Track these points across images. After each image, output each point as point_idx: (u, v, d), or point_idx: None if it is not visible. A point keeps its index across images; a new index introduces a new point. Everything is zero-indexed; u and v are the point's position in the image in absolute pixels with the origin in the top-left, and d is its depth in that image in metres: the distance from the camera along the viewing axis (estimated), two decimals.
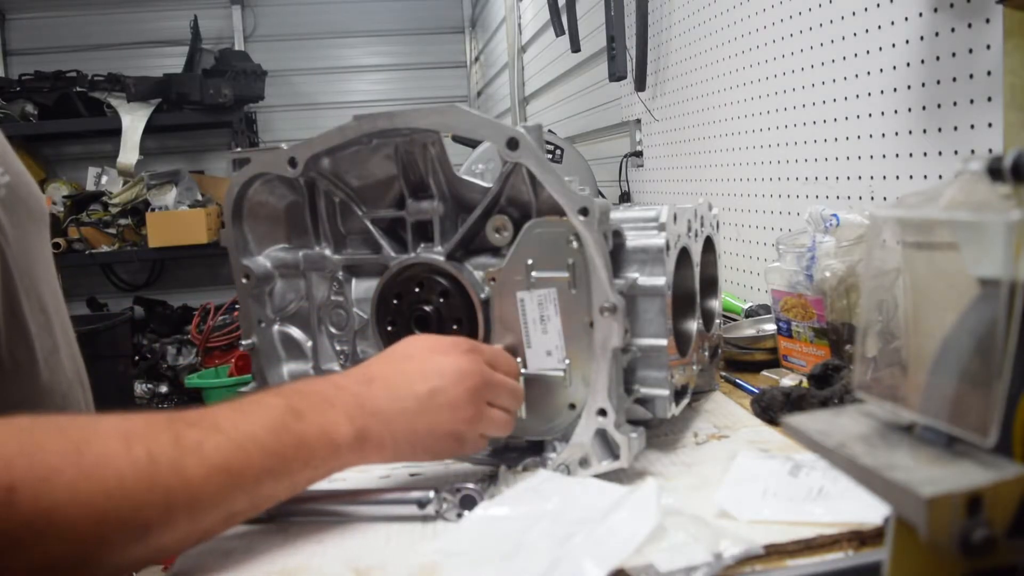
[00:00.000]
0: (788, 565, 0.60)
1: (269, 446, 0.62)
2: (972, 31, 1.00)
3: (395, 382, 0.71)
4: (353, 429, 0.67)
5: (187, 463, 0.57)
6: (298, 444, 0.64)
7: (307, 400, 0.67)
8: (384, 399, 0.70)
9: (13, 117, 4.16)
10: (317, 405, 0.66)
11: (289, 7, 5.21)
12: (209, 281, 4.89)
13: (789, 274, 1.12)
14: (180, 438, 0.58)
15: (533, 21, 3.56)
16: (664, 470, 0.80)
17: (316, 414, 0.66)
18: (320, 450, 0.65)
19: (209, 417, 0.62)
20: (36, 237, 0.79)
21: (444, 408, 0.71)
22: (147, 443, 0.57)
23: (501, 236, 0.81)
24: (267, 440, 0.62)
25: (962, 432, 0.40)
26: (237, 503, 0.61)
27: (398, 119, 0.81)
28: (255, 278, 0.91)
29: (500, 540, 0.64)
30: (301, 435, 0.64)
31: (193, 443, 0.58)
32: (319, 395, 0.68)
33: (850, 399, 0.86)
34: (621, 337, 0.74)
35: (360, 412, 0.68)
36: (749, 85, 1.61)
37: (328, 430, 0.65)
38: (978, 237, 0.40)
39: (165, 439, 0.58)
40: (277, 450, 0.62)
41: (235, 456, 0.60)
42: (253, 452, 0.61)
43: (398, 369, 0.73)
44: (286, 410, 0.64)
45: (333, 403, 0.67)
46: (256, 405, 0.65)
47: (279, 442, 0.63)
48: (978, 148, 1.00)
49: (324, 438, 0.65)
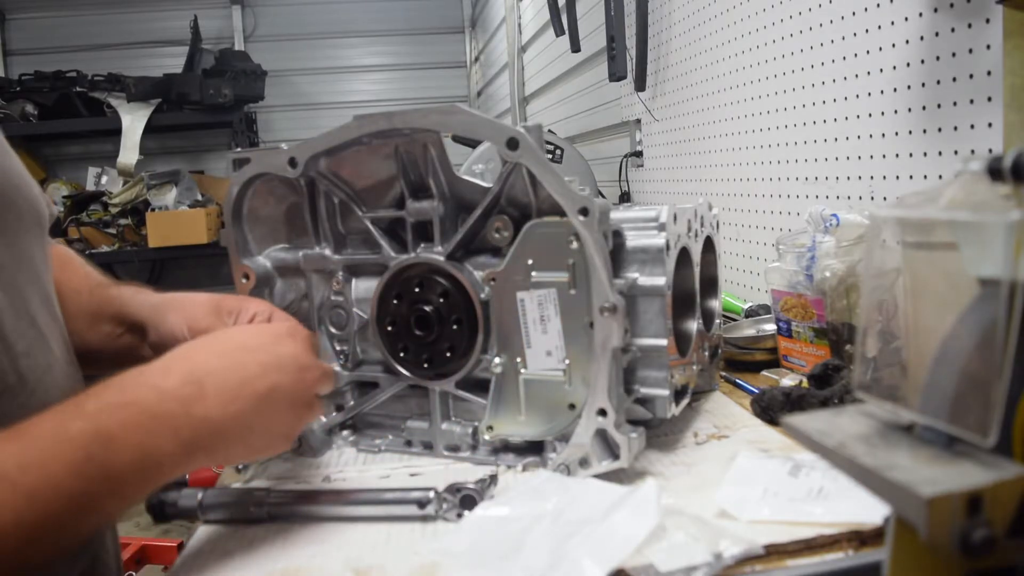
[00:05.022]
0: (788, 565, 0.60)
1: (70, 490, 0.52)
2: (972, 31, 1.00)
3: (229, 382, 0.63)
4: (179, 445, 0.59)
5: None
6: (108, 478, 0.54)
7: (119, 417, 0.56)
8: (216, 404, 0.61)
9: (13, 117, 4.17)
10: (133, 423, 0.56)
11: (289, 7, 5.21)
12: (209, 281, 4.89)
13: (789, 274, 1.12)
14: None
15: (533, 21, 3.56)
16: (664, 470, 0.80)
17: (131, 435, 0.56)
18: (135, 477, 0.56)
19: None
20: (26, 243, 0.72)
21: (283, 406, 0.66)
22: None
23: (501, 236, 0.81)
24: (67, 483, 0.52)
25: (962, 432, 0.40)
26: (33, 556, 0.51)
27: (398, 119, 0.81)
28: (255, 278, 0.91)
29: (500, 540, 0.64)
30: (112, 467, 0.54)
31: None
32: (136, 408, 0.58)
33: (850, 399, 0.86)
34: (621, 337, 0.74)
35: (188, 423, 0.59)
36: (749, 85, 1.61)
37: (147, 453, 0.57)
38: (978, 237, 0.40)
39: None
40: (81, 491, 0.53)
41: (26, 509, 0.50)
42: (51, 502, 0.51)
43: (232, 363, 0.64)
44: (92, 438, 0.54)
45: (155, 416, 0.58)
46: (53, 436, 0.53)
47: (84, 481, 0.53)
48: (978, 148, 1.00)
49: (144, 463, 0.56)
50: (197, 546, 0.71)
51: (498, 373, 0.81)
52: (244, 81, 4.25)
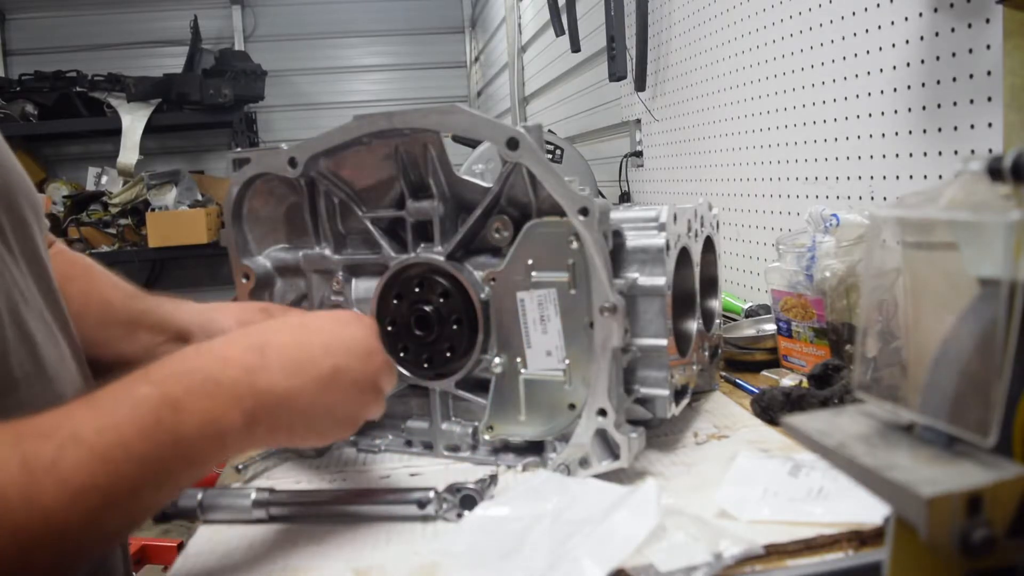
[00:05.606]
0: (788, 565, 0.60)
1: (142, 453, 0.51)
2: (972, 31, 1.00)
3: (293, 354, 0.62)
4: (241, 414, 0.57)
5: (41, 489, 0.47)
6: (177, 443, 0.53)
7: (185, 383, 0.56)
8: (279, 374, 0.60)
9: (13, 117, 4.17)
10: (198, 388, 0.56)
11: (289, 7, 5.21)
12: (209, 281, 4.90)
13: (789, 274, 1.12)
14: (29, 459, 0.47)
15: (533, 21, 3.56)
16: (664, 470, 0.80)
17: (197, 401, 0.55)
18: (204, 445, 0.55)
19: (66, 423, 0.50)
20: (33, 235, 0.73)
21: (347, 388, 0.64)
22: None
23: (501, 236, 0.81)
24: (139, 446, 0.51)
25: (962, 432, 0.40)
26: (110, 523, 0.51)
27: (398, 119, 0.81)
28: (255, 278, 0.91)
29: (500, 540, 0.64)
30: (179, 433, 0.53)
31: (46, 462, 0.48)
32: (202, 373, 0.57)
33: (850, 399, 0.86)
34: (621, 337, 0.74)
35: (250, 391, 0.58)
36: (749, 85, 1.61)
37: (213, 419, 0.55)
38: (978, 237, 0.40)
39: (11, 462, 0.47)
40: (152, 455, 0.52)
41: (101, 472, 0.49)
42: (123, 464, 0.50)
43: (298, 339, 0.63)
44: (160, 402, 0.53)
45: (219, 381, 0.57)
46: (123, 399, 0.53)
47: (154, 445, 0.52)
48: (978, 148, 1.00)
49: (208, 429, 0.55)
50: (197, 546, 0.71)
51: (498, 373, 0.81)
52: (244, 81, 4.25)
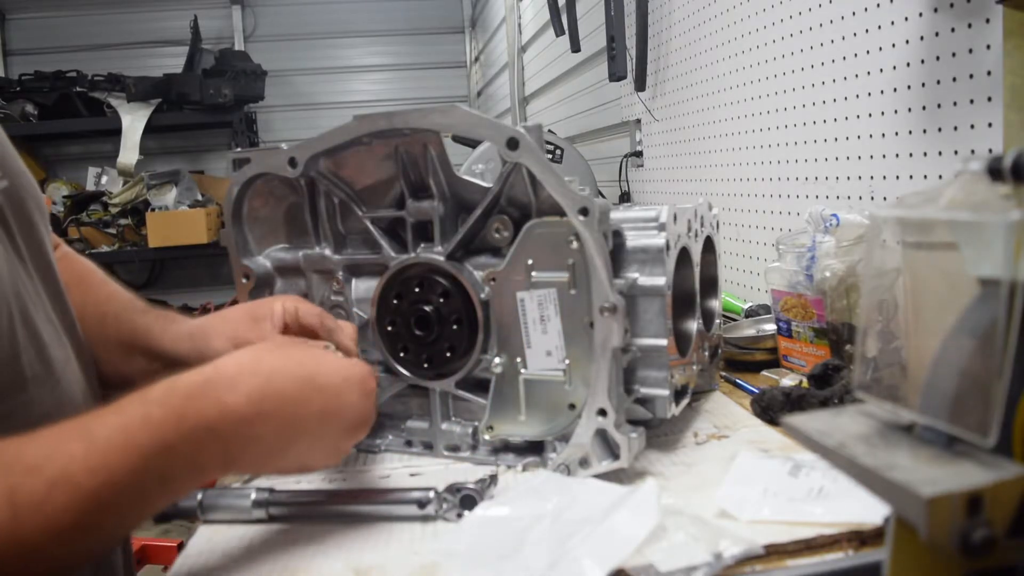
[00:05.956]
0: (788, 565, 0.60)
1: (131, 495, 0.54)
2: (972, 31, 1.00)
3: (286, 412, 0.63)
4: (225, 459, 0.61)
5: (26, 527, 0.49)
6: (164, 483, 0.57)
7: (182, 430, 0.57)
8: (274, 430, 0.62)
9: (13, 117, 4.16)
10: (192, 435, 0.57)
11: (289, 7, 5.21)
12: (209, 281, 4.90)
13: (789, 274, 1.12)
14: (16, 493, 0.49)
15: (533, 21, 3.56)
16: (664, 470, 0.80)
17: (189, 447, 0.57)
18: (187, 483, 0.59)
19: (58, 457, 0.52)
20: (40, 234, 0.74)
21: (327, 438, 0.67)
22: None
23: (501, 236, 0.81)
24: (129, 488, 0.54)
25: (962, 432, 0.40)
26: (92, 548, 0.55)
27: (398, 119, 0.81)
28: (255, 278, 0.91)
29: (500, 540, 0.64)
30: (168, 475, 0.57)
31: (36, 501, 0.50)
32: (199, 420, 0.58)
33: (850, 399, 0.86)
34: (621, 337, 0.74)
35: (241, 445, 0.61)
36: (749, 85, 1.61)
37: (200, 465, 0.59)
38: (978, 237, 0.40)
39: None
40: (140, 494, 0.55)
41: (91, 511, 0.52)
42: (111, 504, 0.53)
43: (296, 395, 0.64)
44: (154, 447, 0.55)
45: (215, 432, 0.59)
46: (116, 439, 0.54)
47: (143, 486, 0.55)
48: (978, 148, 1.00)
49: (194, 471, 0.59)
50: (197, 546, 0.71)
51: (498, 373, 0.81)
52: (244, 81, 4.24)
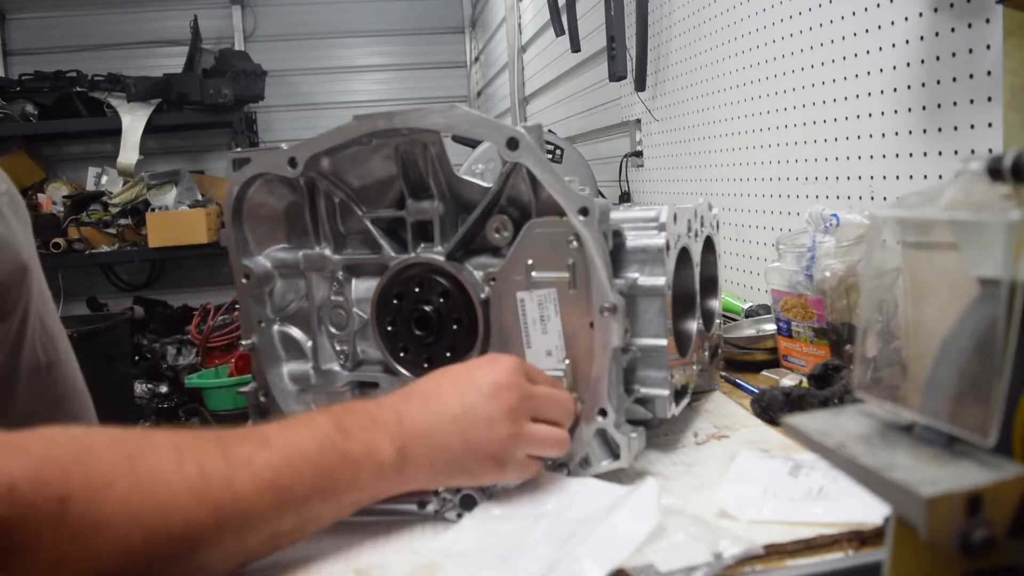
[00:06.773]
0: (788, 565, 0.60)
1: (317, 462, 0.61)
2: (972, 31, 1.00)
3: (431, 397, 0.69)
4: (394, 448, 0.65)
5: (238, 478, 0.56)
6: (344, 461, 0.62)
7: (352, 417, 0.65)
8: (421, 415, 0.67)
9: (13, 117, 4.16)
10: (361, 422, 0.65)
11: (289, 7, 5.21)
12: (209, 281, 4.89)
13: (789, 274, 1.12)
14: (230, 453, 0.57)
15: (533, 21, 3.56)
16: (664, 470, 0.80)
17: (361, 431, 0.64)
18: (365, 469, 0.63)
19: (258, 433, 0.61)
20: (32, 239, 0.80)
21: (480, 425, 0.67)
22: (199, 457, 0.55)
23: (501, 236, 0.81)
24: (315, 456, 0.61)
25: (962, 432, 0.40)
26: (284, 522, 0.60)
27: (398, 119, 0.81)
28: (255, 278, 0.91)
29: (500, 540, 0.64)
30: (347, 452, 0.62)
31: (243, 458, 0.57)
32: (363, 412, 0.66)
33: (850, 399, 0.86)
34: (621, 337, 0.74)
35: (399, 430, 0.66)
36: (749, 85, 1.61)
37: (372, 449, 0.64)
38: (978, 237, 0.40)
39: (216, 453, 0.56)
40: (324, 467, 0.61)
41: (284, 472, 0.59)
42: (302, 468, 0.60)
43: (436, 384, 0.70)
44: (333, 427, 0.63)
45: (376, 420, 0.66)
46: (304, 421, 0.64)
47: (326, 459, 0.61)
48: (978, 148, 1.00)
49: (369, 457, 0.63)
50: None
51: None
52: (244, 81, 4.24)
